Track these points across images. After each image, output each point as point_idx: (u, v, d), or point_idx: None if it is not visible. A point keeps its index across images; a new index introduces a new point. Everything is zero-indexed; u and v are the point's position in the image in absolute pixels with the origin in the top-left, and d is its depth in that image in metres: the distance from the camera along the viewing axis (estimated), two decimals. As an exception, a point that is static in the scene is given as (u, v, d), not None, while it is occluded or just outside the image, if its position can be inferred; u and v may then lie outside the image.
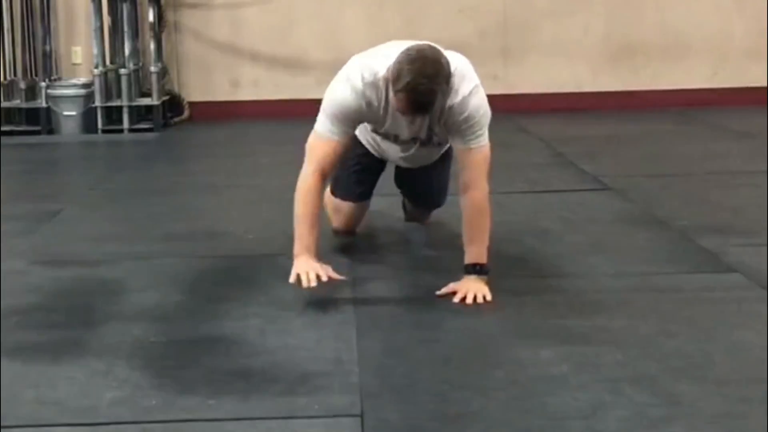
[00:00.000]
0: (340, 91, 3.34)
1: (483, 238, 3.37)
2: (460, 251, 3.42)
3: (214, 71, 8.40)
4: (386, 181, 4.03)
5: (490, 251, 3.41)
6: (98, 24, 7.78)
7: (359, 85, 3.29)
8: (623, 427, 2.37)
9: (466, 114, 3.29)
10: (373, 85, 3.29)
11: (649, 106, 8.24)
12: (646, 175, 5.53)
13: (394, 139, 3.57)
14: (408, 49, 3.17)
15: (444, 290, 3.36)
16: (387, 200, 4.00)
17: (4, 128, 7.70)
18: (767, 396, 2.50)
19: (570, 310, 3.23)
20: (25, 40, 8.00)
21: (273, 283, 3.50)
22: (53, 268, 3.88)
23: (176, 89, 8.36)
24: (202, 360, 2.85)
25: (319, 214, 3.37)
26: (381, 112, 3.35)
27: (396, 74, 3.12)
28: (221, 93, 8.41)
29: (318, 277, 3.22)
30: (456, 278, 3.38)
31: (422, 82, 3.08)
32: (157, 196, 5.35)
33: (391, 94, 3.22)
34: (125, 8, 7.87)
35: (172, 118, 8.22)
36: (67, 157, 7.26)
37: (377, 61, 3.32)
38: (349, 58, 3.45)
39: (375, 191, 3.99)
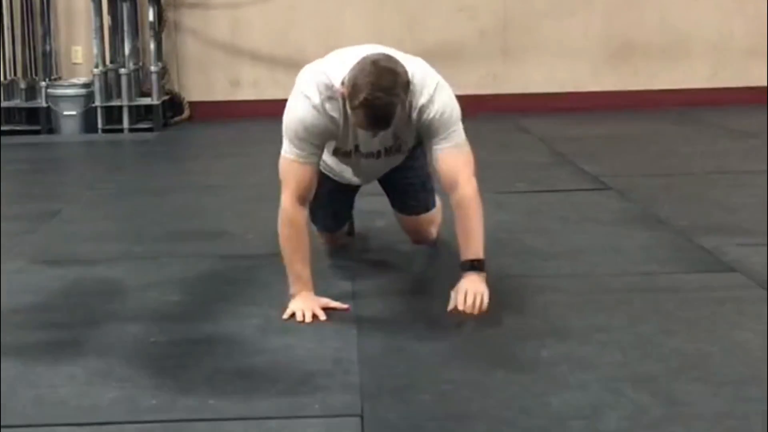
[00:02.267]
0: (299, 110, 3.17)
1: (478, 235, 3.23)
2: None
3: (214, 71, 8.40)
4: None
5: (490, 251, 3.39)
6: (98, 24, 7.78)
7: (317, 100, 3.13)
8: (623, 427, 2.37)
9: (435, 110, 3.17)
10: (331, 98, 3.13)
11: (649, 106, 8.24)
12: (646, 175, 5.52)
13: (355, 150, 3.37)
14: (362, 60, 3.00)
15: (451, 305, 3.17)
16: (387, 200, 3.99)
17: (4, 128, 7.69)
18: (767, 396, 2.50)
19: (570, 310, 3.23)
20: (25, 39, 8.00)
21: (273, 283, 3.49)
22: (53, 268, 3.89)
23: (176, 89, 8.36)
24: (202, 360, 2.85)
25: (308, 242, 3.26)
26: (342, 125, 3.19)
27: (351, 89, 2.97)
28: (221, 93, 8.41)
29: (315, 315, 3.15)
30: (456, 278, 3.36)
31: (379, 96, 2.92)
32: (157, 196, 5.35)
33: (349, 108, 3.06)
34: (125, 8, 7.88)
35: (172, 117, 8.22)
36: (67, 157, 7.26)
37: (332, 71, 3.14)
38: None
39: (374, 191, 3.98)
